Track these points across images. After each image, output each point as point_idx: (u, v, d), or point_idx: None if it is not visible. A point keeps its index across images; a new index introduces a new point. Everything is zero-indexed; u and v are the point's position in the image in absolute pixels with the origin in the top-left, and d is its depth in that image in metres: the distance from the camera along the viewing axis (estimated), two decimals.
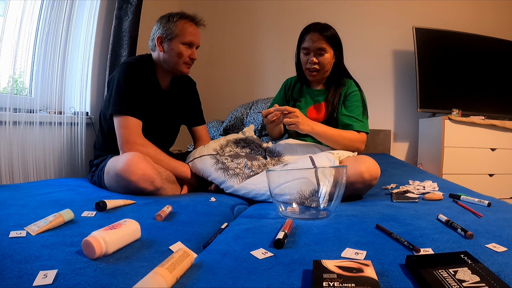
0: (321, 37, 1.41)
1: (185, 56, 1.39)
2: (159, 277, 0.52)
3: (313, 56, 1.43)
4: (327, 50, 1.43)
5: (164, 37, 1.37)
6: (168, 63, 1.40)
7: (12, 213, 0.88)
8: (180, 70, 1.42)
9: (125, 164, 1.14)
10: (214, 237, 0.82)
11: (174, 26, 1.36)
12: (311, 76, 1.49)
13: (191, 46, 1.40)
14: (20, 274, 0.57)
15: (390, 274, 0.58)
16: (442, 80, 2.64)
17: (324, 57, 1.43)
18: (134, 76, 1.33)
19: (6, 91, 1.46)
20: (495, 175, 2.49)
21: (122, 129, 1.29)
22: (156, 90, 1.44)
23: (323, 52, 1.42)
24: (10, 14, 1.43)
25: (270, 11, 2.97)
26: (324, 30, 1.42)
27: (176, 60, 1.39)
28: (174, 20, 1.36)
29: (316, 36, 1.41)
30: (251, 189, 1.24)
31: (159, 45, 1.38)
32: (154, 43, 1.40)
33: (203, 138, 1.66)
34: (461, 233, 0.76)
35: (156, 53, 1.42)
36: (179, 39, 1.37)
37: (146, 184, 1.16)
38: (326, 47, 1.42)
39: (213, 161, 1.37)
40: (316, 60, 1.43)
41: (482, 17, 2.85)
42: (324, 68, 1.45)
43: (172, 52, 1.37)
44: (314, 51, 1.43)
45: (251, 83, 3.01)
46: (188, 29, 1.38)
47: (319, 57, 1.43)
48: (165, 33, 1.36)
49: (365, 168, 1.14)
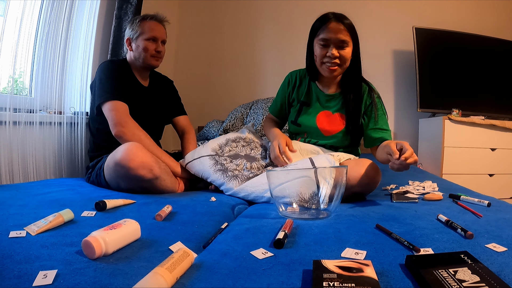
0: (344, 27, 1.25)
1: (150, 50, 1.51)
2: (159, 277, 0.52)
3: (334, 48, 1.25)
4: (349, 44, 1.27)
5: (131, 38, 1.53)
6: (138, 59, 1.53)
7: (12, 213, 0.87)
8: (149, 63, 1.54)
9: (124, 153, 1.17)
10: (214, 237, 0.82)
11: (137, 27, 1.51)
12: (329, 72, 1.30)
13: (155, 41, 1.53)
14: (20, 274, 0.57)
15: (390, 274, 0.58)
16: (442, 80, 2.64)
17: (345, 50, 1.27)
18: (114, 71, 1.46)
19: (6, 91, 1.46)
20: (495, 175, 2.49)
21: (112, 112, 1.37)
22: (137, 86, 1.55)
23: (345, 45, 1.26)
24: (10, 14, 1.43)
25: (270, 11, 2.97)
26: (345, 18, 1.27)
27: (144, 55, 1.51)
28: (137, 21, 1.53)
29: (338, 26, 1.24)
30: (251, 192, 1.23)
31: (129, 45, 1.54)
32: (125, 46, 1.56)
33: (186, 128, 1.73)
34: (461, 233, 0.76)
35: (128, 54, 1.56)
36: (143, 36, 1.51)
37: (145, 171, 1.17)
38: (348, 40, 1.26)
39: (212, 162, 1.37)
40: (337, 54, 1.25)
41: (482, 17, 2.85)
42: (345, 63, 1.29)
43: (139, 49, 1.51)
44: (336, 43, 1.25)
45: (251, 83, 3.01)
46: (150, 26, 1.52)
47: (340, 50, 1.26)
48: (131, 34, 1.52)
49: (366, 172, 1.13)
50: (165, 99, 1.69)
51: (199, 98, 2.92)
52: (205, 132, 2.57)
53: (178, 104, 1.77)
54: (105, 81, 1.42)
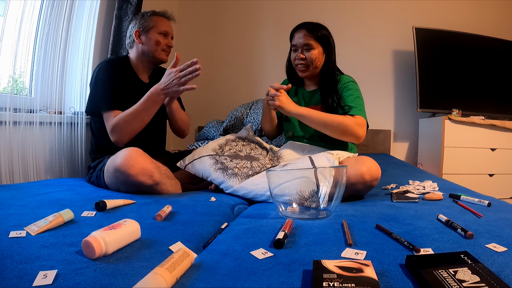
0: (308, 33, 1.43)
1: (162, 43, 1.51)
2: (159, 277, 0.52)
3: (300, 52, 1.45)
4: (314, 46, 1.43)
5: (141, 31, 1.50)
6: (148, 52, 1.51)
7: (12, 213, 0.88)
8: (159, 57, 1.53)
9: (124, 159, 1.16)
10: (214, 237, 0.82)
11: (149, 20, 1.50)
12: (300, 72, 1.48)
13: (166, 36, 1.53)
14: (20, 274, 0.57)
15: (390, 274, 0.58)
16: (442, 80, 2.64)
17: (311, 52, 1.43)
18: (114, 71, 1.43)
19: (6, 91, 1.46)
20: (495, 175, 2.49)
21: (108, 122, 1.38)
22: (137, 83, 1.53)
23: (310, 48, 1.43)
24: (10, 14, 1.42)
25: (270, 11, 2.97)
26: (311, 27, 1.44)
27: (155, 48, 1.50)
28: (148, 15, 1.52)
29: (302, 32, 1.44)
30: (251, 190, 1.24)
31: (138, 37, 1.50)
32: (132, 39, 1.52)
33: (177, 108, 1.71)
34: (461, 233, 0.76)
35: (135, 48, 1.53)
36: (155, 30, 1.50)
37: (145, 178, 1.17)
38: (313, 43, 1.43)
39: (212, 161, 1.37)
40: (303, 56, 1.44)
41: (482, 17, 2.85)
42: (312, 63, 1.44)
43: (150, 42, 1.49)
44: (301, 47, 1.44)
45: (251, 83, 3.01)
46: (162, 21, 1.52)
47: (306, 53, 1.44)
48: (142, 27, 1.50)
49: (366, 169, 1.14)
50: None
51: (199, 98, 2.92)
52: (205, 132, 2.57)
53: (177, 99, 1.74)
54: (101, 87, 1.40)
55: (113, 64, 1.46)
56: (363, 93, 1.49)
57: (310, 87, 1.56)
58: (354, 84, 1.47)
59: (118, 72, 1.45)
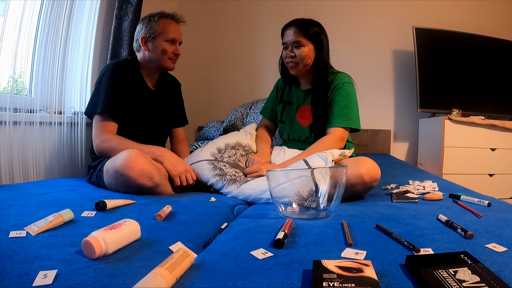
0: (297, 31, 1.42)
1: (169, 52, 1.46)
2: (159, 277, 0.52)
3: (290, 50, 1.44)
4: (304, 44, 1.42)
5: (147, 37, 1.44)
6: (154, 60, 1.47)
7: (12, 213, 0.87)
8: (166, 66, 1.49)
9: (124, 161, 1.15)
10: (214, 237, 0.82)
11: (156, 25, 1.43)
12: (290, 70, 1.48)
13: (174, 43, 1.48)
14: (20, 274, 0.57)
15: (390, 274, 0.58)
16: (442, 80, 2.64)
17: (301, 50, 1.42)
18: (119, 76, 1.39)
19: (6, 91, 1.46)
20: (495, 175, 2.49)
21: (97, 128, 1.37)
22: (143, 89, 1.50)
23: (299, 45, 1.42)
24: (10, 14, 1.42)
25: (270, 11, 2.97)
26: (301, 24, 1.43)
27: (161, 57, 1.45)
28: (156, 19, 1.44)
29: (292, 30, 1.43)
30: (249, 194, 1.24)
31: (144, 44, 1.45)
32: (138, 44, 1.47)
33: (182, 140, 1.70)
34: (461, 233, 0.76)
35: (141, 53, 1.48)
36: (162, 37, 1.44)
37: (145, 180, 1.16)
38: (302, 41, 1.41)
39: (211, 167, 1.38)
40: (292, 54, 1.43)
41: (482, 17, 2.85)
42: (302, 61, 1.43)
43: (157, 50, 1.44)
44: (291, 44, 1.43)
45: (251, 83, 3.01)
46: (170, 27, 1.46)
47: (296, 50, 1.42)
48: (148, 33, 1.44)
49: (366, 170, 1.13)
50: (170, 106, 1.65)
51: (199, 98, 2.92)
52: (205, 132, 2.57)
53: (181, 113, 1.73)
54: (102, 90, 1.37)
55: (120, 69, 1.42)
56: (363, 93, 1.49)
57: (304, 86, 1.55)
58: (349, 85, 1.45)
59: (123, 77, 1.41)
